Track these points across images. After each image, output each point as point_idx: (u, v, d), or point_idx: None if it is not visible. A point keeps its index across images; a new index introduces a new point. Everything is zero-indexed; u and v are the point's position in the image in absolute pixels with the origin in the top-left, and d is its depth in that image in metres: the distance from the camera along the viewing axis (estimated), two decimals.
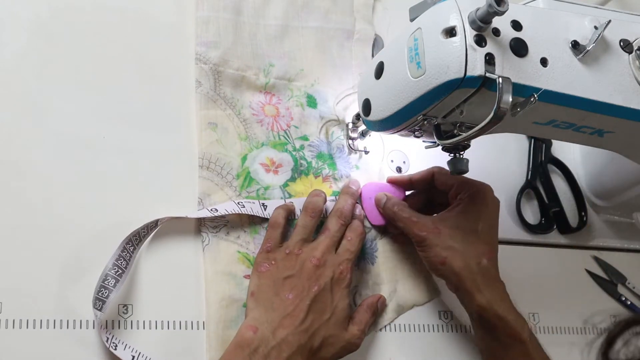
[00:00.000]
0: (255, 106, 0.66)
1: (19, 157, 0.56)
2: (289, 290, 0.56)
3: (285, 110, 0.68)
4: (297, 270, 0.57)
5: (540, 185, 0.79)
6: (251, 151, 0.64)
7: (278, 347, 0.53)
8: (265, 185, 0.64)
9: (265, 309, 0.55)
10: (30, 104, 0.58)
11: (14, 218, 0.54)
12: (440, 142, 0.56)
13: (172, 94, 0.63)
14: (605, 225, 0.82)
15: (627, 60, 0.54)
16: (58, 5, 0.62)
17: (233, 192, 0.62)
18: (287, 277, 0.57)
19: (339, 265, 0.59)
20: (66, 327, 0.52)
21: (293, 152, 0.66)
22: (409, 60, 0.51)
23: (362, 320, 0.60)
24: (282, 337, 0.53)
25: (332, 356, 0.57)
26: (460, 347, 0.67)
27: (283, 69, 0.69)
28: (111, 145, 0.59)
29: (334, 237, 0.60)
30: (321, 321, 0.56)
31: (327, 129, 0.69)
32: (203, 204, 0.60)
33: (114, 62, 0.62)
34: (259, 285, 0.57)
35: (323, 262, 0.58)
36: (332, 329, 0.56)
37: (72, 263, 0.54)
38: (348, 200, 0.64)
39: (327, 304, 0.57)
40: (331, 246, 0.60)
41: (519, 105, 0.48)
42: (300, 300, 0.55)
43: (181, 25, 0.66)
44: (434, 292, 0.68)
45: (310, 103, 0.69)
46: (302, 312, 0.55)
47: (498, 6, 0.45)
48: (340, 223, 0.61)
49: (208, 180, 0.61)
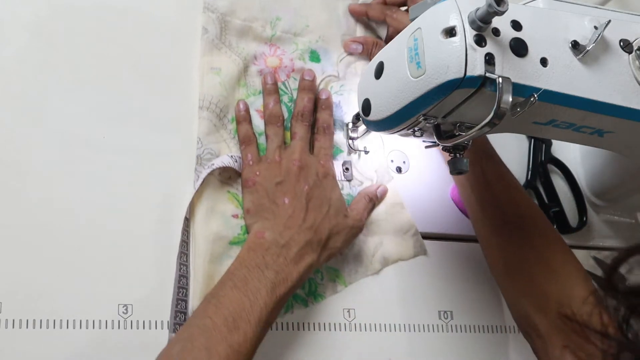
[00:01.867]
0: (259, 56, 0.68)
1: (19, 157, 0.56)
2: (282, 195, 0.59)
3: (288, 61, 0.69)
4: (283, 175, 0.60)
5: (540, 185, 0.79)
6: (248, 97, 0.66)
7: (287, 246, 0.56)
8: (259, 131, 0.65)
9: (267, 218, 0.59)
10: (30, 104, 0.58)
11: (14, 218, 0.54)
12: (440, 142, 0.56)
13: (172, 94, 0.63)
14: (605, 225, 0.82)
15: (627, 60, 0.53)
16: (58, 5, 0.62)
17: (228, 134, 0.64)
18: (277, 184, 0.60)
19: (319, 161, 0.63)
20: (66, 327, 0.52)
21: (289, 103, 0.68)
22: (409, 60, 0.51)
23: (360, 205, 0.64)
24: (289, 236, 0.57)
25: (342, 244, 0.61)
26: (460, 347, 0.67)
27: (289, 23, 0.71)
28: (111, 145, 0.59)
29: (304, 138, 0.64)
30: (322, 215, 0.59)
31: (326, 82, 0.70)
32: (202, 142, 0.62)
33: (114, 61, 0.62)
34: (252, 200, 0.60)
35: (304, 163, 0.61)
36: (334, 219, 0.60)
37: (71, 263, 0.54)
38: (305, 98, 0.66)
39: (322, 199, 0.61)
40: (305, 147, 0.63)
41: (519, 105, 0.48)
42: (297, 201, 0.59)
43: (181, 25, 0.66)
44: (420, 249, 0.69)
45: (313, 58, 0.71)
46: (302, 211, 0.58)
47: (498, 6, 0.45)
48: (305, 124, 0.65)
49: (207, 121, 0.63)
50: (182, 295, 0.56)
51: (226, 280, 0.54)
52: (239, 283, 0.53)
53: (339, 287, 0.64)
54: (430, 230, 0.71)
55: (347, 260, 0.65)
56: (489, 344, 0.69)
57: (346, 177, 0.68)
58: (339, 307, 0.63)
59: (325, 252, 0.59)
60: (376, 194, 0.66)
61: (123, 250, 0.56)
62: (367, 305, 0.64)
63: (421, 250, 0.69)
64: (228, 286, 0.53)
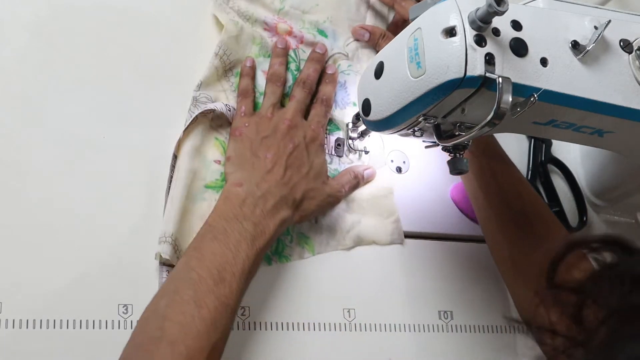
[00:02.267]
0: (270, 22, 0.69)
1: (19, 157, 0.56)
2: (265, 150, 0.60)
3: (298, 31, 0.70)
4: (271, 131, 0.61)
5: (540, 185, 0.79)
6: (258, 57, 0.67)
7: (263, 198, 0.57)
8: (261, 90, 0.66)
9: (246, 169, 0.59)
10: (30, 104, 0.58)
11: (14, 218, 0.54)
12: (440, 142, 0.56)
13: (172, 94, 0.63)
14: (605, 225, 0.82)
15: (627, 60, 0.53)
16: (58, 5, 0.62)
17: (229, 86, 0.65)
18: (263, 138, 0.61)
19: (310, 126, 0.63)
20: (66, 327, 0.52)
21: (295, 71, 0.68)
22: (409, 60, 0.51)
23: (343, 179, 0.65)
24: (266, 189, 0.57)
25: (315, 208, 0.62)
26: (460, 347, 0.67)
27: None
28: (111, 145, 0.59)
29: (300, 102, 0.64)
30: (300, 175, 0.60)
31: (335, 59, 0.71)
32: (201, 86, 0.63)
33: (114, 61, 0.62)
34: (235, 149, 0.61)
35: (294, 124, 0.62)
36: (312, 183, 0.61)
37: (72, 263, 0.54)
38: (311, 68, 0.67)
39: (304, 160, 0.61)
40: (300, 110, 0.64)
41: (519, 105, 0.48)
42: (279, 158, 0.59)
43: (181, 25, 0.66)
44: (398, 238, 0.68)
45: (322, 35, 0.71)
46: (281, 167, 0.59)
47: (498, 6, 0.45)
48: (306, 91, 0.65)
49: (213, 68, 0.64)
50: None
51: (205, 233, 0.54)
52: (219, 235, 0.53)
53: (306, 254, 0.64)
54: (430, 230, 0.71)
55: (320, 230, 0.65)
56: (489, 344, 0.69)
57: (337, 153, 0.68)
58: (339, 307, 0.63)
59: (298, 213, 0.60)
60: (362, 174, 0.67)
61: (123, 250, 0.56)
62: (367, 305, 0.64)
63: (398, 238, 0.68)
64: (208, 238, 0.53)
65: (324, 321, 0.62)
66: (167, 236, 0.56)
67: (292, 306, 0.61)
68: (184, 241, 0.57)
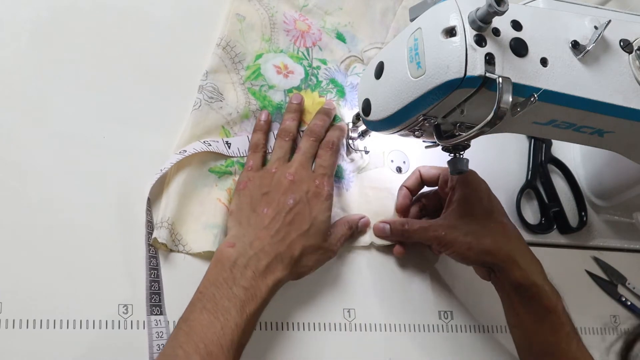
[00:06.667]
0: (289, 17, 0.70)
1: (19, 157, 0.56)
2: (265, 205, 0.58)
3: (316, 30, 0.70)
4: (273, 186, 0.59)
5: (540, 185, 0.79)
6: (268, 52, 0.68)
7: (256, 257, 0.54)
8: (271, 84, 0.67)
9: (242, 226, 0.58)
10: (30, 104, 0.58)
11: (14, 218, 0.54)
12: (440, 142, 0.56)
13: (172, 94, 0.63)
14: (605, 225, 0.82)
15: (627, 60, 0.53)
16: (58, 5, 0.62)
17: (238, 79, 0.65)
18: (264, 194, 0.59)
19: (315, 180, 0.60)
20: (66, 327, 0.52)
21: (308, 67, 0.69)
22: (409, 60, 0.51)
23: (339, 232, 0.62)
24: (259, 247, 0.55)
25: (314, 264, 0.59)
26: (460, 347, 0.67)
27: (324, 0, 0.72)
28: (111, 145, 0.59)
29: (307, 153, 0.62)
30: (299, 232, 0.57)
31: (349, 62, 0.71)
32: (207, 76, 0.63)
33: (114, 62, 0.62)
34: (237, 203, 0.60)
35: (298, 177, 0.60)
36: (312, 240, 0.58)
37: (72, 263, 0.54)
38: (319, 119, 0.65)
39: (305, 216, 0.58)
40: (305, 162, 0.62)
41: (519, 105, 0.48)
42: (277, 213, 0.57)
43: (181, 25, 0.66)
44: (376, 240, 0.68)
45: (340, 37, 0.72)
46: (277, 223, 0.57)
47: (498, 6, 0.45)
48: (312, 140, 0.63)
49: (219, 59, 0.65)
50: (154, 277, 0.56)
51: (196, 302, 0.52)
52: (208, 304, 0.51)
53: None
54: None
55: None
56: (489, 344, 0.69)
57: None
58: (339, 307, 0.63)
59: (296, 270, 0.57)
60: (357, 224, 0.65)
61: (123, 250, 0.56)
62: (367, 305, 0.64)
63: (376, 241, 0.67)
64: (197, 308, 0.51)
65: (324, 321, 0.62)
66: (163, 221, 0.57)
67: (292, 306, 0.61)
68: (180, 226, 0.58)
